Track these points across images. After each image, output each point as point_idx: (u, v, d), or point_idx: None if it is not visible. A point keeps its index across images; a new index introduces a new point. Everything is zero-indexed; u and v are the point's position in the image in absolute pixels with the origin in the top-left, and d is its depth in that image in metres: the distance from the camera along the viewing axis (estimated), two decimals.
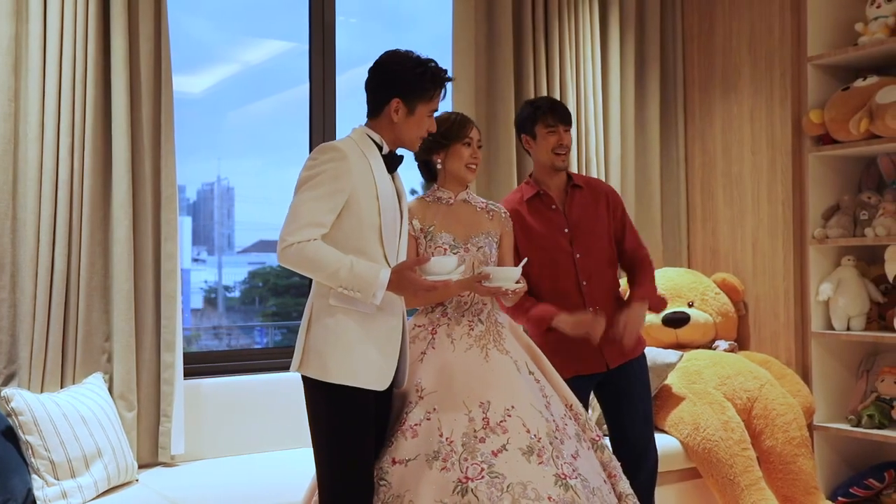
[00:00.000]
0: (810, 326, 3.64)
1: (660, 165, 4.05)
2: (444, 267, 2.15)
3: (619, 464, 2.48)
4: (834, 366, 3.69)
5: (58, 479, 2.61)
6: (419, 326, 2.51)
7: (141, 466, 2.95)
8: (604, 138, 3.90)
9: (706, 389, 3.36)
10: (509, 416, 2.27)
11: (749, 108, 3.84)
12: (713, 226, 4.01)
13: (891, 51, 3.41)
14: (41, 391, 2.79)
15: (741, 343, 3.85)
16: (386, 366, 2.21)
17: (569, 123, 2.76)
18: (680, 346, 3.59)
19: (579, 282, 2.70)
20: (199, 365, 3.28)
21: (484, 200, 2.67)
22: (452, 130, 2.52)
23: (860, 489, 3.52)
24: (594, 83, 3.87)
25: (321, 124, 3.50)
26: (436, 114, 2.30)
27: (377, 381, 2.18)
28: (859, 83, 3.46)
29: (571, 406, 2.53)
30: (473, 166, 2.55)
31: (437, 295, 2.32)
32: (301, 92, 3.57)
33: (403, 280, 2.10)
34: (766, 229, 3.78)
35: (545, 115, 2.73)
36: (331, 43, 3.53)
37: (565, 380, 2.65)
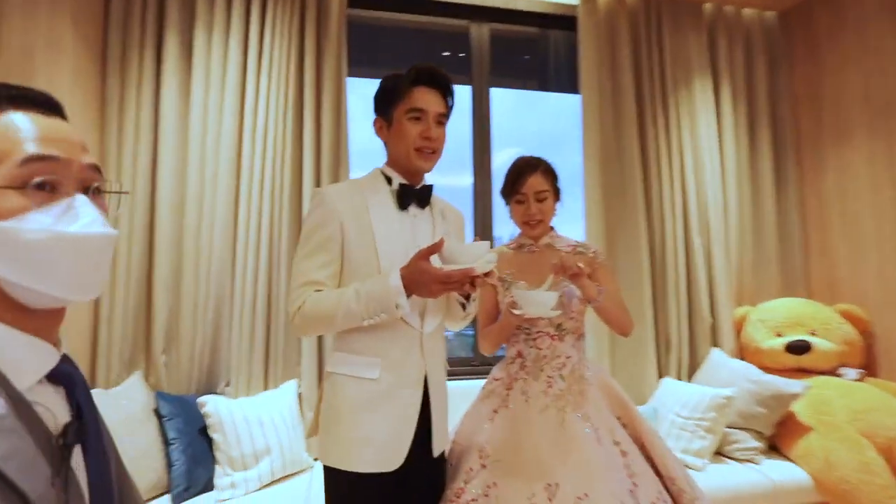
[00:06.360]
0: None
1: (776, 210, 4.13)
2: (463, 255, 1.69)
3: None
4: None
5: (233, 471, 2.81)
6: (497, 380, 2.23)
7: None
8: (721, 190, 4.04)
9: (836, 423, 3.12)
10: None
11: (868, 153, 3.77)
12: (831, 260, 3.92)
13: None
14: (248, 394, 3.17)
15: (870, 371, 3.66)
16: (395, 443, 1.81)
17: None
18: (803, 372, 3.51)
19: None
20: None
21: (574, 242, 2.31)
22: (504, 188, 2.29)
23: None
24: (709, 148, 3.99)
25: None
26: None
27: (380, 462, 1.79)
28: None
29: (674, 480, 2.09)
30: (533, 223, 2.25)
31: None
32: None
33: (415, 273, 1.73)
34: (891, 262, 3.65)
35: None
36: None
37: None
